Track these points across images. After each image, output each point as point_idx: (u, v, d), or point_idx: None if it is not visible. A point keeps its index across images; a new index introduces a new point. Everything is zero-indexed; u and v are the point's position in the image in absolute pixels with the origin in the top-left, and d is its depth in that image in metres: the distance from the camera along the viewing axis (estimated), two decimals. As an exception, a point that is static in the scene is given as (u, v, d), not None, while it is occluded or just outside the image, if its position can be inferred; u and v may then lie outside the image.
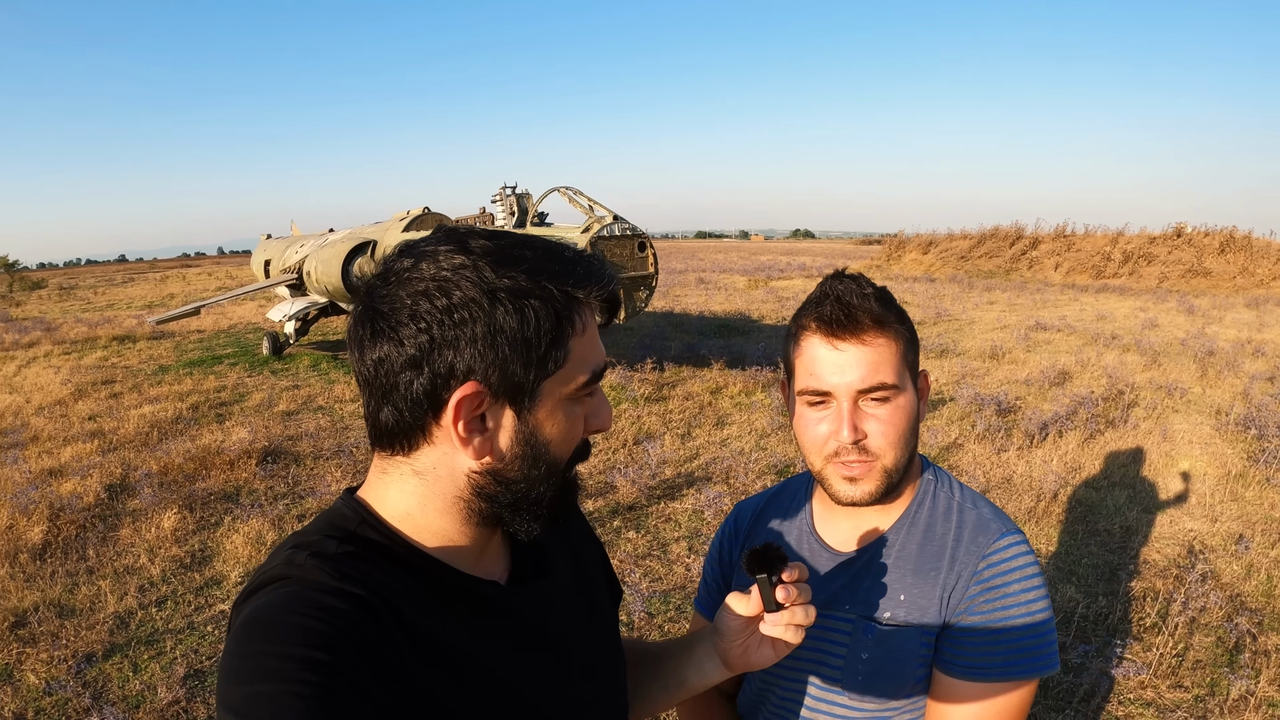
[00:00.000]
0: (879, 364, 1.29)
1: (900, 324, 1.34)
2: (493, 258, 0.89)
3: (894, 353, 1.30)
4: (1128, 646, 4.08)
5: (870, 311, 1.30)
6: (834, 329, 1.31)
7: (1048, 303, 19.65)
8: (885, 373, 1.29)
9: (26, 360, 14.56)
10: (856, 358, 1.29)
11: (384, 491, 0.97)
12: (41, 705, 3.83)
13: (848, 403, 1.30)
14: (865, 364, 1.28)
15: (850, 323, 1.29)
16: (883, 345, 1.30)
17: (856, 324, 1.29)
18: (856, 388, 1.29)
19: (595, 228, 9.46)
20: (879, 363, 1.29)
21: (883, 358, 1.29)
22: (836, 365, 1.30)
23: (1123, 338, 13.31)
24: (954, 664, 1.28)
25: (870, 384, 1.28)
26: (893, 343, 1.31)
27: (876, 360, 1.29)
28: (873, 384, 1.28)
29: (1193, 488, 6.37)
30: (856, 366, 1.29)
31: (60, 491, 6.65)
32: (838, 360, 1.30)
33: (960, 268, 30.41)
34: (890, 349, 1.30)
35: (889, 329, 1.31)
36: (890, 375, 1.29)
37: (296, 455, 7.73)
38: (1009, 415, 8.55)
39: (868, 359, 1.29)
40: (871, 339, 1.29)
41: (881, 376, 1.28)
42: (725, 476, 6.73)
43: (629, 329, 14.99)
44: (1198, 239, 25.68)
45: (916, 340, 1.40)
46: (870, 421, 1.30)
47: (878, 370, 1.29)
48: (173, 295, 31.72)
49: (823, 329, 1.32)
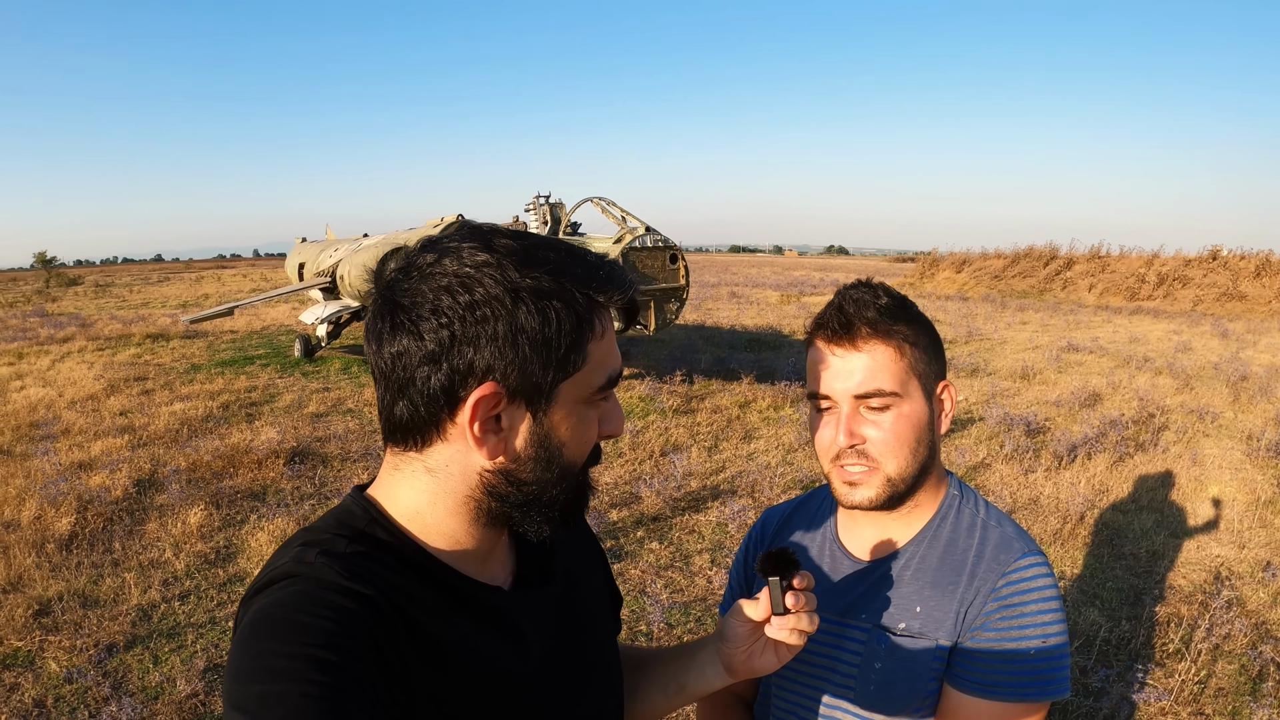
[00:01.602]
0: (876, 371, 1.30)
1: (912, 333, 1.34)
2: (516, 257, 0.88)
3: (894, 360, 1.31)
4: (1150, 672, 4.03)
5: (866, 319, 1.31)
6: (832, 336, 1.34)
7: (1081, 324, 19.47)
8: (882, 380, 1.30)
9: (61, 355, 14.75)
10: (854, 364, 1.31)
11: (395, 488, 0.96)
12: (61, 693, 3.87)
13: (846, 407, 1.32)
14: (861, 370, 1.31)
15: (846, 330, 1.32)
16: (881, 352, 1.31)
17: (852, 331, 1.31)
18: (853, 393, 1.31)
19: (627, 239, 9.48)
20: (876, 369, 1.30)
21: (880, 365, 1.31)
22: (834, 371, 1.33)
23: (1155, 360, 13.16)
24: (965, 680, 1.27)
25: (866, 390, 1.30)
26: (894, 350, 1.31)
27: (873, 367, 1.30)
28: (868, 390, 1.30)
29: (1221, 513, 6.29)
30: (854, 372, 1.31)
31: (89, 484, 6.74)
32: (836, 366, 1.33)
33: (994, 287, 30.22)
34: (890, 356, 1.31)
35: (891, 337, 1.32)
36: (889, 383, 1.30)
37: (324, 457, 7.78)
38: (1038, 436, 8.48)
39: (864, 366, 1.31)
40: (869, 346, 1.31)
41: (878, 383, 1.30)
42: (750, 490, 6.70)
43: (660, 340, 14.99)
44: (1233, 262, 25.36)
45: (938, 351, 1.40)
46: (869, 427, 1.32)
47: (874, 377, 1.30)
48: (207, 295, 32.01)
49: (823, 335, 1.36)
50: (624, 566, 5.23)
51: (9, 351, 15.33)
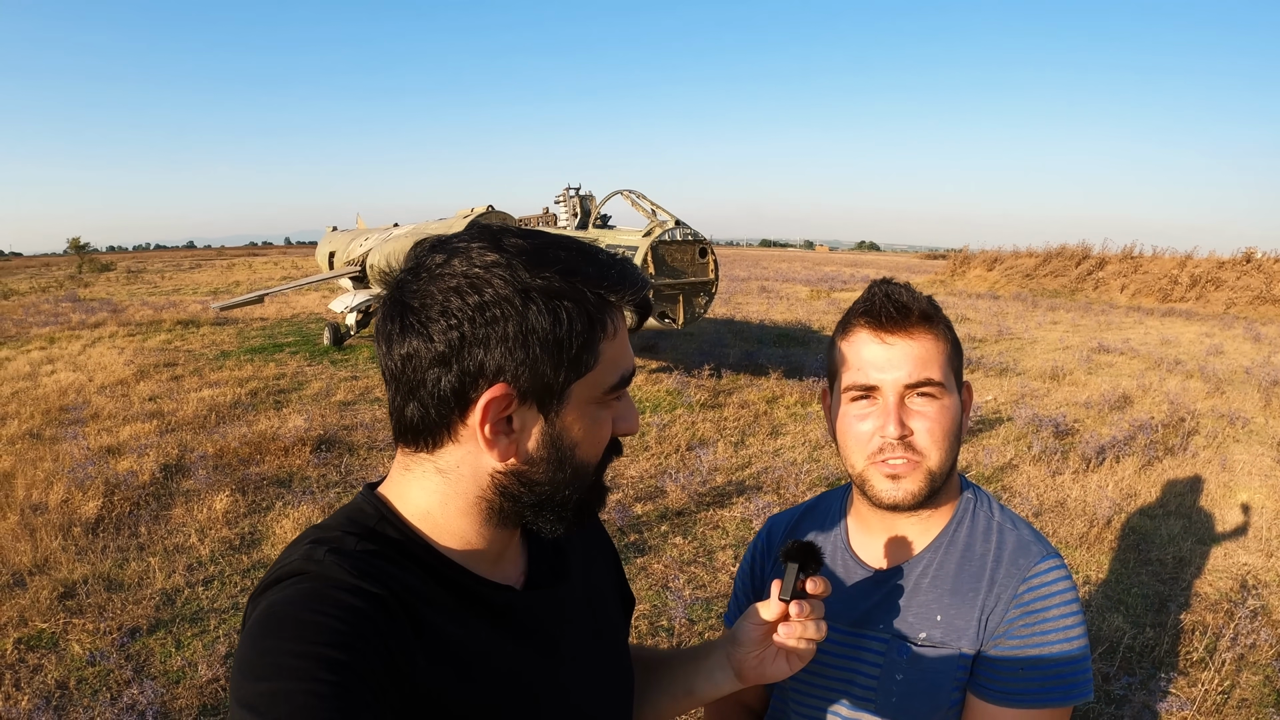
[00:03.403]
0: (927, 360, 1.28)
1: (947, 329, 1.33)
2: (526, 256, 0.88)
3: (941, 352, 1.30)
4: (1173, 680, 3.99)
5: (920, 307, 1.30)
6: (883, 323, 1.30)
7: (1112, 325, 19.29)
8: (933, 369, 1.28)
9: (92, 340, 14.93)
10: (905, 352, 1.28)
11: (406, 488, 0.96)
12: (84, 675, 3.91)
13: (894, 397, 1.29)
14: (913, 359, 1.28)
15: (901, 316, 1.29)
16: (930, 342, 1.29)
17: (907, 317, 1.29)
18: (904, 382, 1.28)
19: (657, 232, 9.47)
20: (927, 359, 1.28)
21: (930, 355, 1.29)
22: (885, 359, 1.30)
23: (1186, 363, 13.01)
24: (989, 688, 1.26)
25: (918, 378, 1.28)
26: (940, 342, 1.30)
27: (925, 356, 1.28)
28: (921, 379, 1.28)
29: (1250, 520, 6.21)
30: (905, 361, 1.28)
31: (117, 469, 6.82)
32: (887, 354, 1.30)
33: (1025, 286, 29.99)
34: (938, 347, 1.30)
35: (937, 327, 1.31)
36: (938, 373, 1.28)
37: (351, 445, 7.82)
38: (1066, 438, 8.40)
39: (916, 354, 1.28)
40: (920, 335, 1.29)
41: (929, 372, 1.28)
42: (776, 486, 6.68)
43: (688, 334, 14.97)
44: (1268, 265, 25.02)
45: (961, 350, 1.38)
46: (916, 419, 1.29)
47: (926, 365, 1.28)
48: (238, 283, 32.25)
49: (871, 323, 1.32)
50: (647, 561, 5.23)
51: (41, 336, 15.55)
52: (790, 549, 1.13)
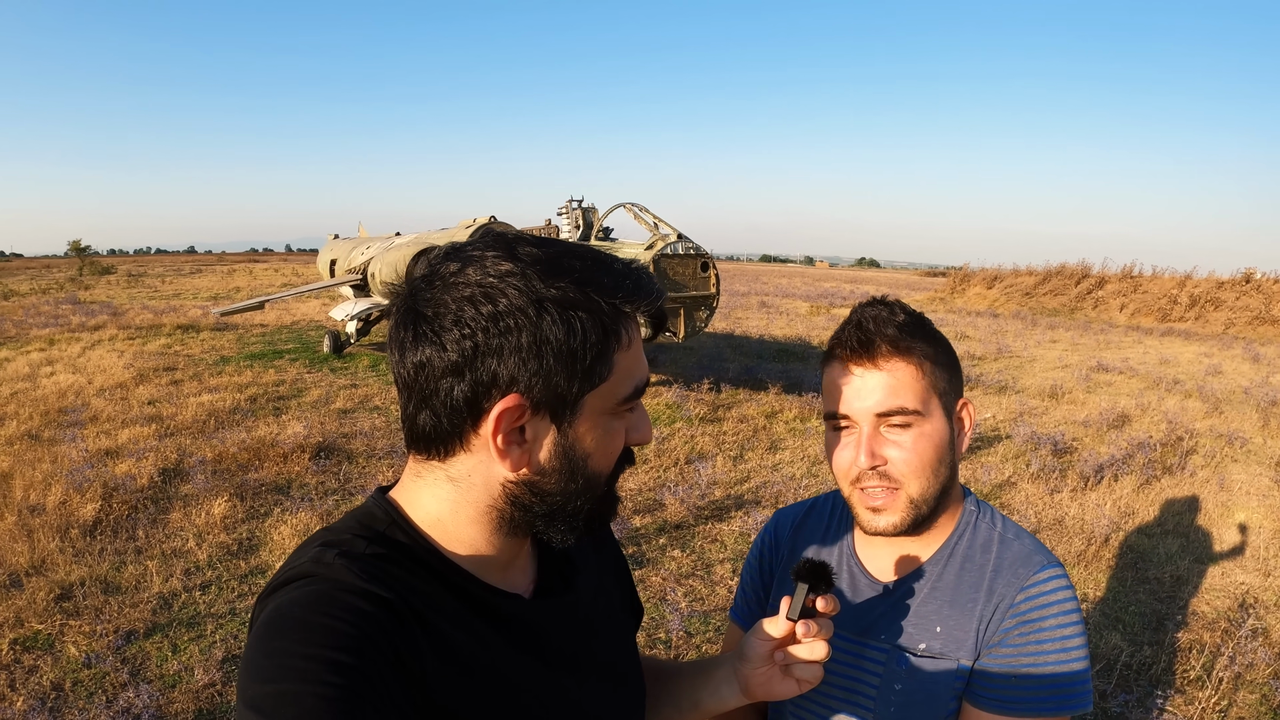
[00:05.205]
0: (897, 389, 1.28)
1: (930, 350, 1.32)
2: (541, 266, 0.87)
3: (915, 378, 1.29)
4: (1169, 699, 3.99)
5: (887, 337, 1.29)
6: (851, 354, 1.31)
7: (1111, 344, 19.29)
8: (904, 397, 1.28)
9: (91, 343, 14.92)
10: (875, 382, 1.29)
11: (417, 495, 0.96)
12: (80, 677, 3.91)
13: (867, 427, 1.29)
14: (884, 388, 1.28)
15: (866, 347, 1.29)
16: (901, 370, 1.29)
17: (872, 348, 1.29)
18: (874, 411, 1.28)
19: (659, 245, 9.49)
20: (897, 387, 1.28)
21: (902, 382, 1.28)
22: (855, 389, 1.30)
23: (1185, 383, 13.01)
24: (983, 696, 1.26)
25: (887, 408, 1.28)
26: (915, 368, 1.29)
27: (895, 385, 1.28)
28: (890, 408, 1.28)
29: (1248, 540, 6.21)
30: (875, 391, 1.29)
31: (115, 472, 6.80)
32: (856, 385, 1.30)
33: (1024, 304, 30.01)
34: (911, 374, 1.29)
35: (911, 354, 1.30)
36: (910, 400, 1.28)
37: (349, 453, 7.81)
38: (1065, 456, 8.40)
39: (886, 383, 1.28)
40: (889, 364, 1.29)
41: (900, 401, 1.28)
42: (775, 501, 6.67)
43: (688, 348, 14.97)
44: (1267, 285, 25.03)
45: (956, 369, 1.38)
46: (891, 448, 1.29)
47: (895, 395, 1.28)
48: (239, 289, 32.24)
49: (842, 354, 1.33)
50: (645, 573, 5.22)
51: (41, 337, 15.53)
52: (800, 569, 1.12)
